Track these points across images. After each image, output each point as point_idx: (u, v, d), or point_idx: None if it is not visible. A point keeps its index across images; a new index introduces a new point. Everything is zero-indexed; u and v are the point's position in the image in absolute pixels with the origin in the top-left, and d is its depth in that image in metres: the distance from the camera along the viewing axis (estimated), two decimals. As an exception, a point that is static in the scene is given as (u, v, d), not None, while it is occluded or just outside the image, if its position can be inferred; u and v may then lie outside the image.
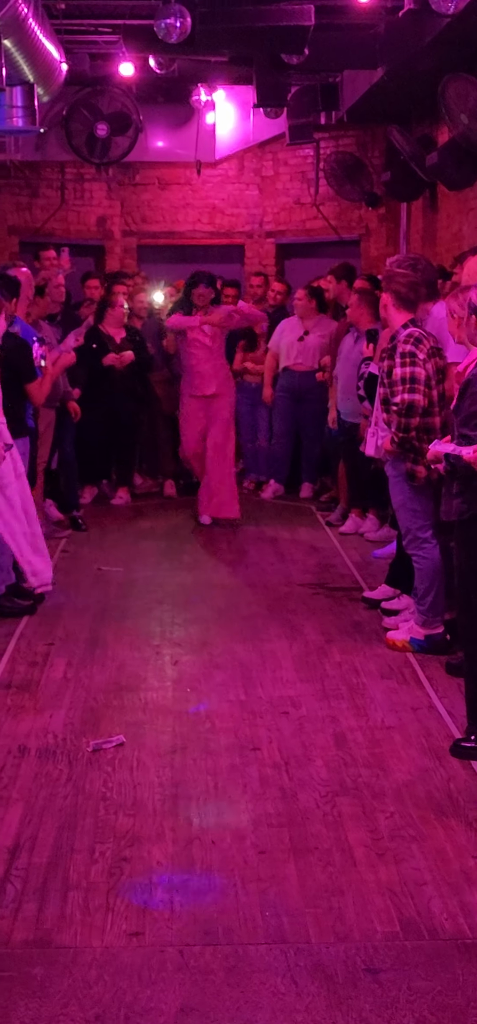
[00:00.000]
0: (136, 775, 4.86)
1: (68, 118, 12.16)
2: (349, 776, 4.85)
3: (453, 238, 10.80)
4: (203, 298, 9.71)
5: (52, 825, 4.41)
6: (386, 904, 3.85)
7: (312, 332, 10.64)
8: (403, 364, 6.08)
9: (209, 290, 9.74)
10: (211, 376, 9.74)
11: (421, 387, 6.05)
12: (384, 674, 6.11)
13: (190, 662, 6.33)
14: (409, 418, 6.04)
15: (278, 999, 3.35)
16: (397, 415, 6.08)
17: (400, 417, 6.07)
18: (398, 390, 6.09)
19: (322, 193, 13.62)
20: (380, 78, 10.15)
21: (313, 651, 6.49)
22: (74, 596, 7.65)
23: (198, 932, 3.69)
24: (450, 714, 5.49)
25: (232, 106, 13.42)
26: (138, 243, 14.23)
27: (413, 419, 6.05)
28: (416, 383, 6.05)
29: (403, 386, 6.06)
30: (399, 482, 6.33)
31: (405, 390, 6.05)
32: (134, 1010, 3.30)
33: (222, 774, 4.88)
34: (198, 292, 9.70)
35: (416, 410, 6.04)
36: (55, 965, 3.52)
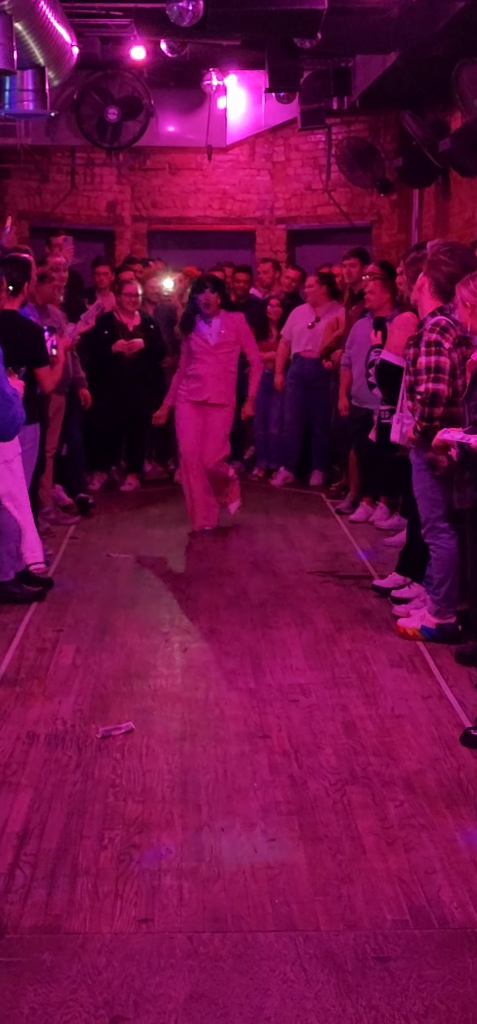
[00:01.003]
0: (145, 762, 4.86)
1: (79, 102, 12.12)
2: (359, 764, 4.84)
3: (466, 225, 10.75)
4: (210, 306, 8.99)
5: (61, 811, 4.41)
6: (396, 892, 3.84)
7: (323, 319, 10.60)
8: (428, 353, 6.02)
9: (216, 296, 9.03)
10: (209, 382, 8.99)
11: (446, 376, 5.99)
12: (394, 662, 6.09)
13: (199, 649, 6.32)
14: (433, 407, 5.98)
15: (287, 986, 3.34)
16: (421, 404, 6.03)
17: (424, 406, 6.01)
18: (423, 379, 6.03)
19: (334, 179, 13.58)
20: (393, 63, 10.09)
21: (323, 639, 6.48)
22: (83, 583, 7.65)
23: (207, 919, 3.68)
24: (460, 703, 5.47)
25: (244, 91, 13.37)
26: (148, 228, 14.21)
27: (437, 409, 5.98)
28: (441, 372, 5.99)
29: (427, 375, 6.01)
30: (421, 471, 6.29)
31: (430, 379, 6.00)
32: (143, 996, 3.29)
33: (231, 761, 4.86)
34: (204, 299, 8.97)
35: (440, 400, 5.98)
36: (64, 951, 3.51)
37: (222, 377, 9.02)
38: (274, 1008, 3.24)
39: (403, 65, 10.08)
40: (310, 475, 11.07)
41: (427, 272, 6.20)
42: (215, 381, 8.97)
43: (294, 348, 10.84)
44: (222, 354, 9.02)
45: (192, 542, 8.77)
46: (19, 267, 7.23)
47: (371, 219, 13.69)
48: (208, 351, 8.99)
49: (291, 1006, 3.25)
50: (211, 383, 8.97)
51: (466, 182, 10.59)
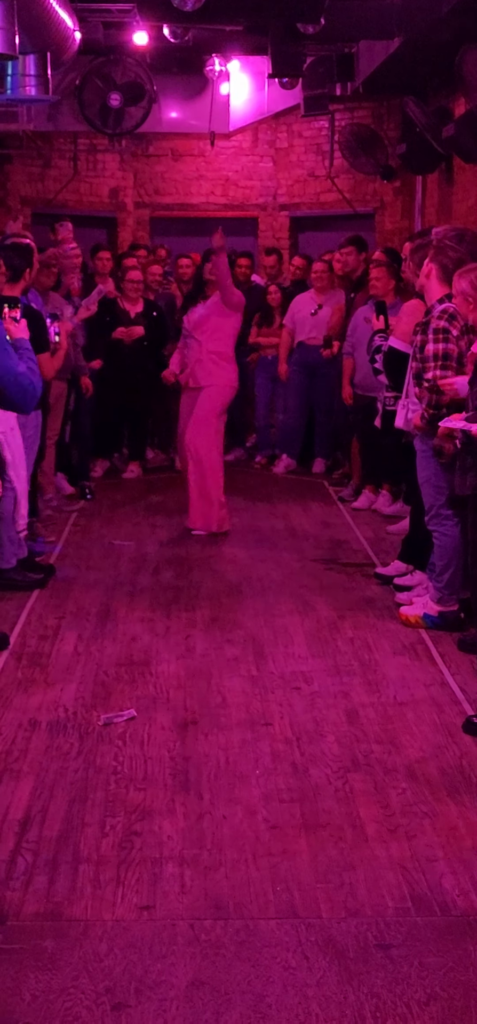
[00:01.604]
0: (147, 749, 4.85)
1: (81, 88, 12.09)
2: (361, 752, 4.83)
3: (469, 211, 10.71)
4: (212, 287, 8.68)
5: (63, 799, 4.40)
6: (397, 880, 3.83)
7: (326, 306, 10.58)
8: (436, 340, 6.00)
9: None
10: (191, 365, 8.70)
11: (454, 364, 5.97)
12: (396, 650, 6.09)
13: (201, 636, 6.31)
14: (440, 395, 5.97)
15: (289, 974, 3.34)
16: (428, 392, 6.01)
17: (432, 394, 5.99)
18: (430, 366, 6.01)
19: (337, 165, 13.53)
20: (396, 48, 10.05)
21: (325, 627, 6.47)
22: (85, 570, 7.64)
23: (209, 906, 3.68)
24: (463, 690, 5.47)
25: (247, 76, 13.32)
26: (151, 215, 14.17)
27: (444, 396, 5.97)
28: (449, 360, 5.97)
29: (435, 363, 5.99)
30: (426, 457, 6.27)
31: (437, 367, 5.98)
32: (144, 983, 3.29)
33: (233, 749, 4.86)
34: (209, 268, 8.70)
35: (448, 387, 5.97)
36: (66, 938, 3.51)
37: (206, 358, 8.59)
38: (275, 995, 3.24)
39: (406, 51, 10.05)
40: (313, 462, 11.06)
41: (434, 258, 6.17)
42: (195, 364, 8.63)
43: (297, 336, 10.82)
44: (202, 334, 8.62)
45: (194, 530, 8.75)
46: (20, 253, 7.21)
47: (374, 206, 13.65)
48: (195, 330, 8.70)
49: (293, 993, 3.25)
50: (192, 366, 8.67)
51: (469, 168, 10.54)
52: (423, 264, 6.29)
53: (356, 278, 10.03)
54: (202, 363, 8.59)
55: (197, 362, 8.60)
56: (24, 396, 5.42)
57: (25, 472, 6.93)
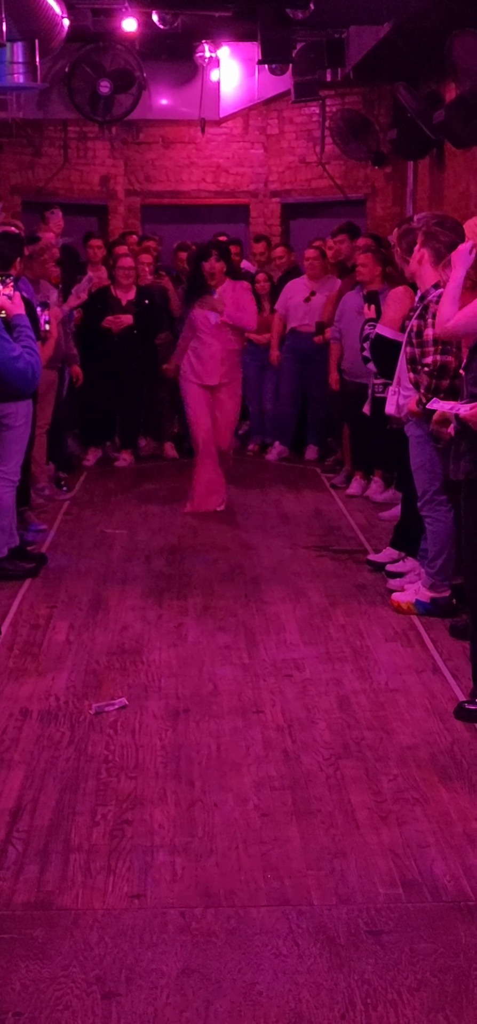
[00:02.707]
0: (138, 738, 4.85)
1: (70, 75, 12.04)
2: (352, 739, 4.83)
3: (460, 197, 10.69)
4: (215, 275, 8.57)
5: (54, 788, 4.40)
6: (389, 866, 3.83)
7: (319, 292, 10.56)
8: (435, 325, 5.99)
9: (221, 264, 8.65)
10: (216, 364, 8.65)
11: (453, 348, 5.96)
12: (388, 637, 6.08)
13: (193, 624, 6.30)
14: (440, 379, 5.95)
15: (280, 961, 3.34)
16: (428, 376, 5.99)
17: (431, 378, 5.98)
18: (430, 351, 5.99)
19: (328, 152, 13.50)
20: (386, 34, 10.02)
21: (317, 614, 6.46)
22: (77, 559, 7.63)
23: (200, 894, 3.68)
24: (454, 677, 5.47)
25: (237, 63, 13.27)
26: (142, 203, 14.13)
27: (444, 380, 5.95)
28: (449, 344, 5.97)
29: (435, 347, 5.97)
30: (421, 443, 6.26)
31: (437, 351, 5.96)
32: (135, 972, 3.29)
33: (225, 737, 4.86)
34: (209, 267, 8.53)
35: (448, 371, 5.94)
36: (56, 927, 3.51)
37: (226, 357, 8.67)
38: (266, 982, 3.24)
39: (397, 36, 10.02)
40: (305, 449, 11.05)
41: (425, 243, 6.14)
42: (218, 364, 8.63)
43: (290, 322, 10.80)
44: (224, 334, 8.65)
45: (187, 518, 8.74)
46: (9, 242, 7.18)
47: (365, 192, 13.62)
48: (210, 331, 8.61)
49: (283, 980, 3.25)
50: (213, 366, 8.65)
51: (460, 154, 10.52)
52: (413, 250, 6.27)
53: (349, 265, 10.02)
54: (223, 362, 8.65)
55: (219, 361, 8.61)
56: (24, 379, 5.38)
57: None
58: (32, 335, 5.53)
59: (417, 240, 6.18)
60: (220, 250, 8.75)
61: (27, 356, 5.34)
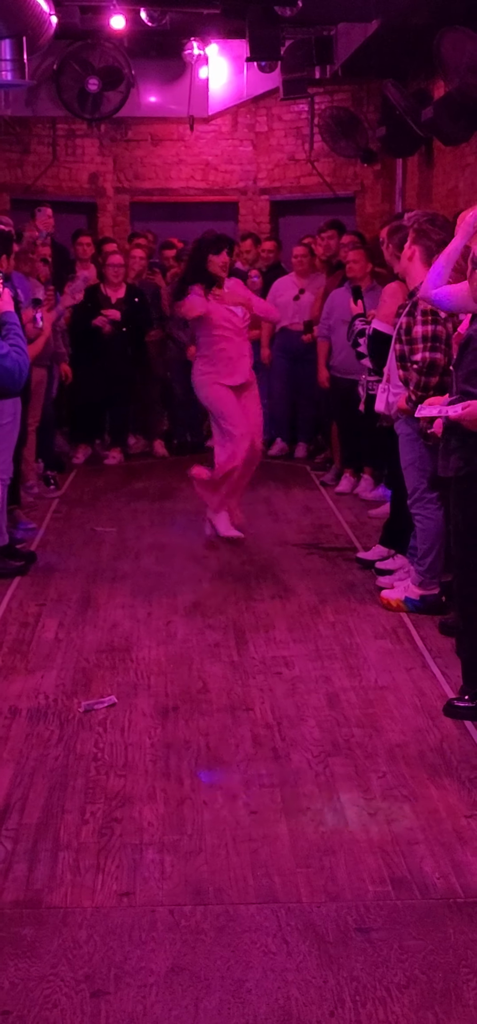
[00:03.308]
0: (127, 736, 4.84)
1: (59, 72, 12.01)
2: (342, 736, 4.83)
3: (449, 194, 10.70)
4: (226, 268, 7.89)
5: (43, 786, 4.39)
6: (378, 864, 3.84)
7: (307, 290, 10.56)
8: (425, 322, 5.99)
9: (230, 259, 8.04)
10: (241, 363, 7.80)
11: (442, 346, 5.96)
12: (378, 634, 6.09)
13: (182, 622, 6.30)
14: (429, 377, 5.95)
15: (269, 958, 3.34)
16: (417, 373, 5.99)
17: (420, 375, 5.98)
18: (419, 348, 6.00)
19: (317, 149, 13.49)
20: (375, 31, 10.01)
21: (306, 611, 6.46)
22: (66, 557, 7.62)
23: (189, 892, 3.68)
24: (444, 674, 5.47)
25: (225, 60, 13.25)
26: (131, 200, 14.10)
27: (433, 378, 5.95)
28: (438, 341, 5.96)
29: (424, 344, 5.97)
30: (410, 441, 6.26)
31: (427, 348, 5.97)
32: (124, 970, 3.28)
33: (214, 735, 4.86)
34: (221, 262, 7.74)
35: (437, 369, 5.95)
36: (45, 925, 3.50)
37: (249, 353, 8.00)
38: (255, 980, 3.24)
39: (385, 33, 10.01)
40: (295, 447, 11.05)
41: (416, 241, 6.15)
42: (244, 360, 7.83)
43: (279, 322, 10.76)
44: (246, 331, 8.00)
45: (176, 516, 8.73)
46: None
47: (354, 189, 13.62)
48: (236, 330, 7.77)
49: (272, 978, 3.25)
50: (242, 364, 7.80)
51: (449, 151, 10.53)
52: (403, 247, 6.27)
53: (336, 262, 10.02)
54: (247, 358, 7.91)
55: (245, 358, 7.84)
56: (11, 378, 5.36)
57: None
58: (20, 333, 5.51)
59: (408, 237, 6.18)
60: (229, 245, 8.10)
61: (15, 355, 5.33)
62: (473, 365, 4.82)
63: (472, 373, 4.82)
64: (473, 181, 10.04)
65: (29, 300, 7.95)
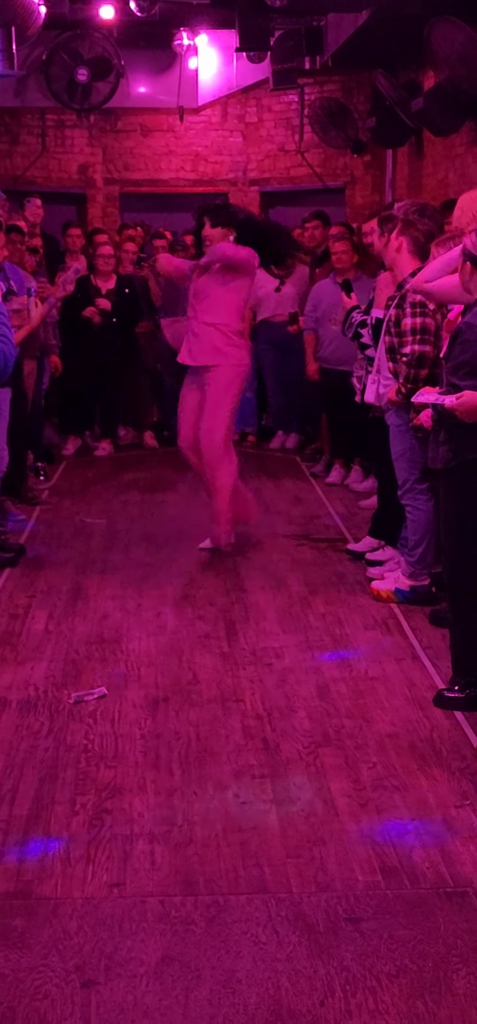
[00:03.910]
0: (118, 727, 4.84)
1: (48, 63, 12.00)
2: (332, 727, 4.84)
3: (439, 185, 10.71)
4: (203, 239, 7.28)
5: (33, 777, 4.39)
6: (368, 854, 3.84)
7: (288, 281, 10.53)
8: (413, 314, 5.99)
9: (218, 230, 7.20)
10: (202, 341, 7.14)
11: (431, 338, 5.96)
12: (368, 625, 6.09)
13: (173, 614, 6.30)
14: (419, 369, 5.95)
15: (259, 948, 3.34)
16: (407, 366, 5.99)
17: (410, 368, 5.98)
18: (408, 340, 6.00)
19: (307, 140, 13.50)
20: (365, 21, 10.01)
21: (297, 602, 6.47)
22: (56, 548, 7.61)
23: (179, 883, 3.68)
24: (434, 664, 5.48)
25: (215, 51, 13.24)
26: (120, 191, 14.09)
27: (422, 370, 5.96)
28: (427, 334, 5.96)
29: (413, 336, 5.98)
30: (400, 432, 6.25)
31: (416, 341, 5.97)
32: (115, 960, 3.29)
33: (204, 725, 4.86)
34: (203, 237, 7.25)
35: (426, 361, 5.95)
36: (35, 916, 3.50)
37: (218, 333, 7.14)
38: (246, 970, 3.24)
39: (375, 24, 10.01)
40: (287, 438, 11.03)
41: (403, 232, 6.15)
42: (208, 337, 7.13)
43: (260, 314, 10.70)
44: (200, 304, 7.18)
45: (166, 507, 8.73)
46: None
47: (344, 180, 13.63)
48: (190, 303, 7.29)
49: (263, 968, 3.25)
50: (203, 342, 7.14)
51: (439, 142, 10.54)
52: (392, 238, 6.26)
53: (321, 253, 10.02)
54: (212, 335, 7.13)
55: (194, 335, 7.18)
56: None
57: None
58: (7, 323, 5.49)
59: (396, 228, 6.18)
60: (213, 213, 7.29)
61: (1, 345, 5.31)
62: (461, 357, 4.83)
63: (459, 365, 4.83)
64: (463, 172, 10.05)
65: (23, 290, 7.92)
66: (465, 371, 4.78)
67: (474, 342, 4.68)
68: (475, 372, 4.67)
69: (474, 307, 4.85)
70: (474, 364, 4.70)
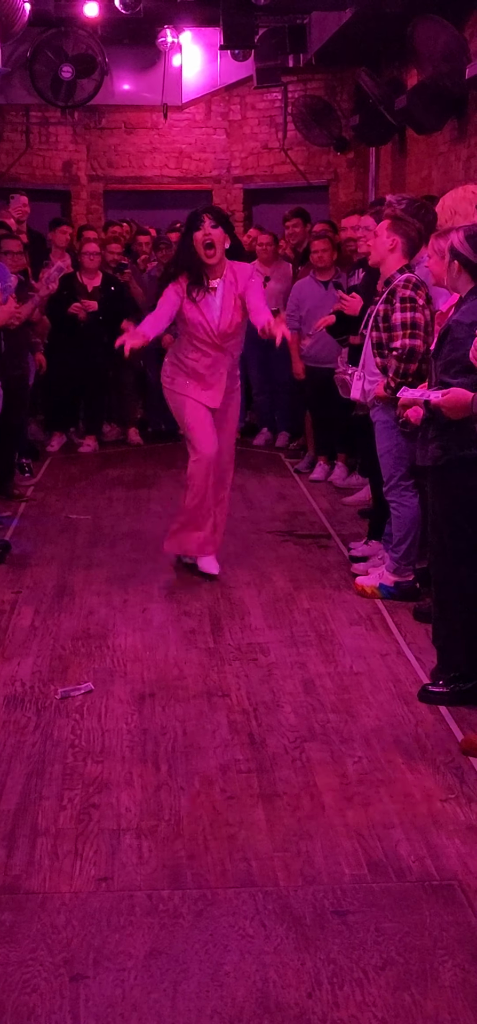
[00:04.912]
0: (104, 722, 4.85)
1: (32, 60, 11.99)
2: (317, 721, 4.86)
3: (422, 183, 10.74)
4: (215, 249, 6.35)
5: (20, 772, 4.40)
6: (354, 847, 3.87)
7: (272, 278, 10.54)
8: (403, 309, 6.01)
9: (219, 231, 6.39)
10: (217, 385, 6.59)
11: (421, 332, 5.98)
12: (352, 620, 6.12)
13: (158, 609, 6.31)
14: (409, 364, 5.98)
15: (246, 942, 3.36)
16: (397, 360, 6.01)
17: (400, 363, 6.00)
18: (398, 335, 6.02)
19: (290, 138, 13.53)
20: (348, 19, 10.05)
21: (281, 598, 6.49)
22: (42, 544, 7.61)
23: (167, 877, 3.70)
24: (418, 660, 5.51)
25: (199, 48, 13.26)
26: (105, 188, 14.09)
27: (412, 365, 5.98)
28: (417, 328, 5.99)
29: (404, 331, 6.00)
30: (387, 428, 6.27)
31: (406, 335, 5.99)
32: (103, 954, 3.30)
33: (191, 720, 4.87)
34: (203, 237, 6.35)
35: (417, 356, 5.97)
36: (23, 911, 3.51)
37: (232, 372, 6.73)
38: (233, 963, 3.26)
39: (358, 22, 10.05)
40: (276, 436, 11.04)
41: (396, 230, 6.16)
42: (223, 379, 6.60)
43: None
44: (232, 343, 6.59)
45: (151, 503, 8.74)
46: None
47: (328, 178, 13.67)
48: (211, 340, 6.47)
49: (250, 961, 3.27)
50: (219, 385, 6.59)
51: (422, 140, 10.58)
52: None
53: (302, 251, 10.05)
54: (231, 377, 6.71)
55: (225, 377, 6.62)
56: None
57: None
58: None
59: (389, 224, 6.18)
60: (215, 215, 6.52)
61: None
62: (452, 355, 4.83)
63: (451, 363, 4.83)
64: (446, 170, 10.09)
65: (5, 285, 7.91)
66: (456, 369, 4.78)
67: (464, 340, 4.70)
68: (466, 370, 4.69)
69: (463, 304, 4.87)
70: (465, 362, 4.72)
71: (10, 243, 8.72)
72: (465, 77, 8.91)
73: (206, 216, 6.42)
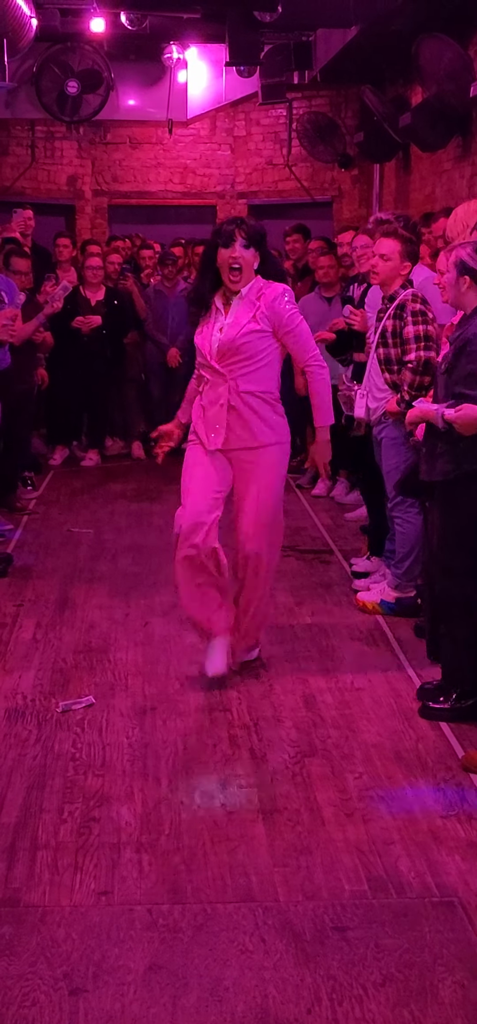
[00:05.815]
0: (105, 736, 4.86)
1: (38, 75, 12.04)
2: (318, 737, 4.86)
3: (426, 200, 10.78)
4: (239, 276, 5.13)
5: (21, 785, 4.40)
6: (354, 863, 3.86)
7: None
8: (416, 322, 6.02)
9: (251, 253, 5.15)
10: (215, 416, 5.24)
11: (434, 344, 5.99)
12: (354, 636, 6.12)
13: (160, 623, 6.31)
14: (424, 376, 5.98)
15: (246, 957, 3.36)
16: (412, 373, 6.01)
17: (415, 375, 5.99)
18: (412, 348, 6.01)
19: (295, 154, 13.58)
20: (354, 37, 10.09)
21: (283, 613, 6.49)
22: (44, 557, 7.62)
23: (167, 891, 3.70)
24: (419, 676, 5.50)
25: (204, 64, 13.31)
26: (109, 203, 14.14)
27: (427, 377, 5.98)
28: (430, 340, 5.99)
29: (417, 344, 6.00)
30: (396, 445, 6.24)
31: (420, 347, 5.99)
32: (102, 968, 3.30)
33: (191, 735, 4.87)
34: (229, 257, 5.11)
35: (431, 367, 5.96)
36: (23, 924, 3.51)
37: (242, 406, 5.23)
38: (233, 978, 3.26)
39: (364, 39, 10.09)
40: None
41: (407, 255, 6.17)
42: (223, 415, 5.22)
43: None
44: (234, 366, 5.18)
45: (153, 517, 8.74)
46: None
47: (332, 194, 13.71)
48: (207, 361, 5.24)
49: (250, 976, 3.27)
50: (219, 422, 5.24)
51: (426, 157, 10.61)
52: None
53: (301, 266, 10.07)
54: (238, 413, 5.21)
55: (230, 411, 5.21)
56: None
57: None
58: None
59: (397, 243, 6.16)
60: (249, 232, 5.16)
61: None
62: (468, 367, 4.79)
63: (469, 376, 4.78)
64: (450, 187, 10.12)
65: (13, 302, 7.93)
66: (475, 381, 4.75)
67: None
68: None
69: (474, 317, 4.85)
70: None
71: (20, 262, 8.72)
72: (469, 95, 8.95)
73: (239, 234, 5.12)
